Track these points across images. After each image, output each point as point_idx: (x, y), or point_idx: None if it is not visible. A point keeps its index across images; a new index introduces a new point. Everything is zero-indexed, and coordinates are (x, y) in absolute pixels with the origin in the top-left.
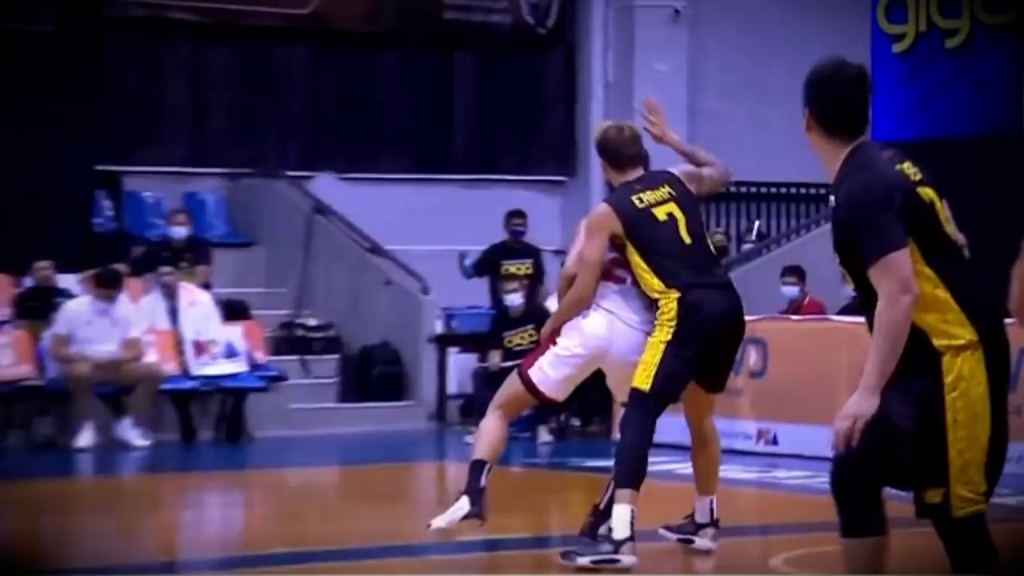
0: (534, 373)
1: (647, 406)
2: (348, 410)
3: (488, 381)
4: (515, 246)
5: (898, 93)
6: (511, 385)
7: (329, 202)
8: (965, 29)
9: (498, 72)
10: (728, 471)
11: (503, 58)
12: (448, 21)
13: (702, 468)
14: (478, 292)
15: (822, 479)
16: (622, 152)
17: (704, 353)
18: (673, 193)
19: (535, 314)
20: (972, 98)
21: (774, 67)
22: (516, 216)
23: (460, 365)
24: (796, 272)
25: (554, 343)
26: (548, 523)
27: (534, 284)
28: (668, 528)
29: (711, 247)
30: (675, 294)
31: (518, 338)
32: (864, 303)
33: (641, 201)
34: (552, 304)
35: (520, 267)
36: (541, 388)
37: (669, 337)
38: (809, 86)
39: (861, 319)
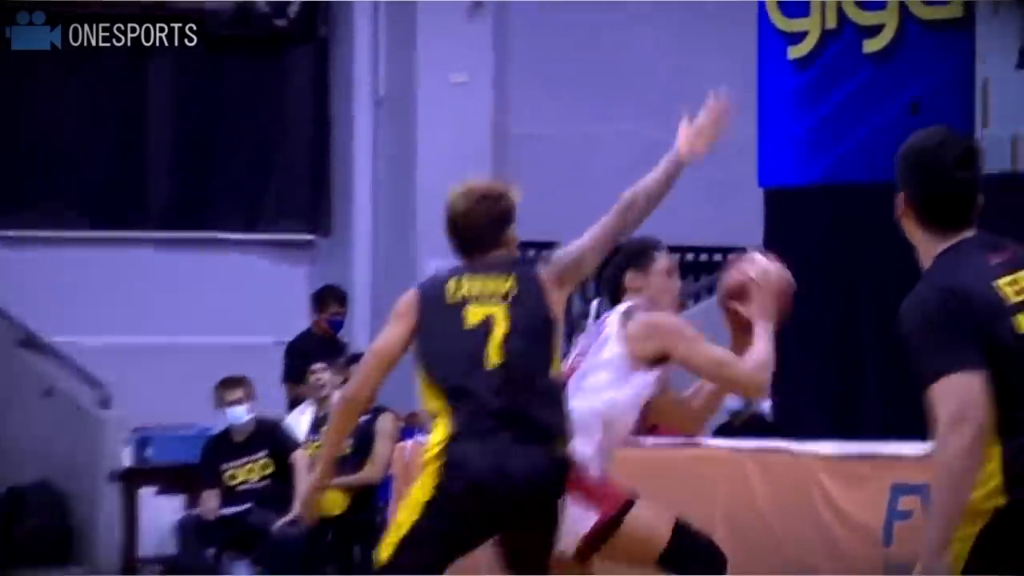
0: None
1: None
2: None
3: (202, 535)
4: (329, 342)
5: (795, 117)
6: None
7: None
8: (892, 26)
9: (213, 83)
10: None
11: (220, 63)
12: (136, 4)
13: None
14: (187, 404)
15: None
16: (462, 235)
17: (466, 537)
18: (514, 293)
19: (267, 436)
20: (901, 123)
21: (620, 75)
22: (332, 298)
23: (158, 512)
24: None
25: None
26: None
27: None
28: None
29: (542, 380)
30: (441, 435)
31: (244, 471)
32: None
33: (457, 290)
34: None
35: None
36: None
37: (429, 496)
38: (903, 161)
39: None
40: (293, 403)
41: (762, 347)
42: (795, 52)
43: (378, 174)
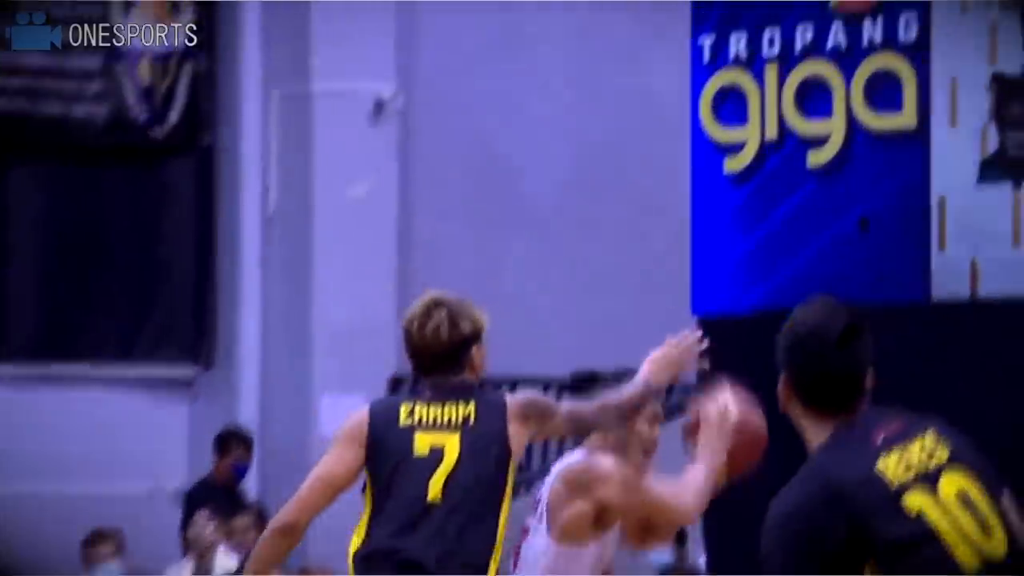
0: None
1: None
2: None
3: None
4: (230, 491)
5: (732, 237)
6: None
7: None
8: (838, 136)
9: (84, 198)
10: None
11: (93, 176)
12: None
13: None
14: (50, 559)
15: None
16: (421, 355)
17: None
18: (471, 420)
19: None
20: (850, 243)
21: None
22: (237, 441)
23: None
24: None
25: None
26: None
27: None
28: None
29: (478, 526)
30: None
31: None
32: None
33: (411, 416)
34: None
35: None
36: None
37: None
38: (782, 339)
39: None
40: None
41: (694, 479)
42: (732, 165)
43: (269, 299)
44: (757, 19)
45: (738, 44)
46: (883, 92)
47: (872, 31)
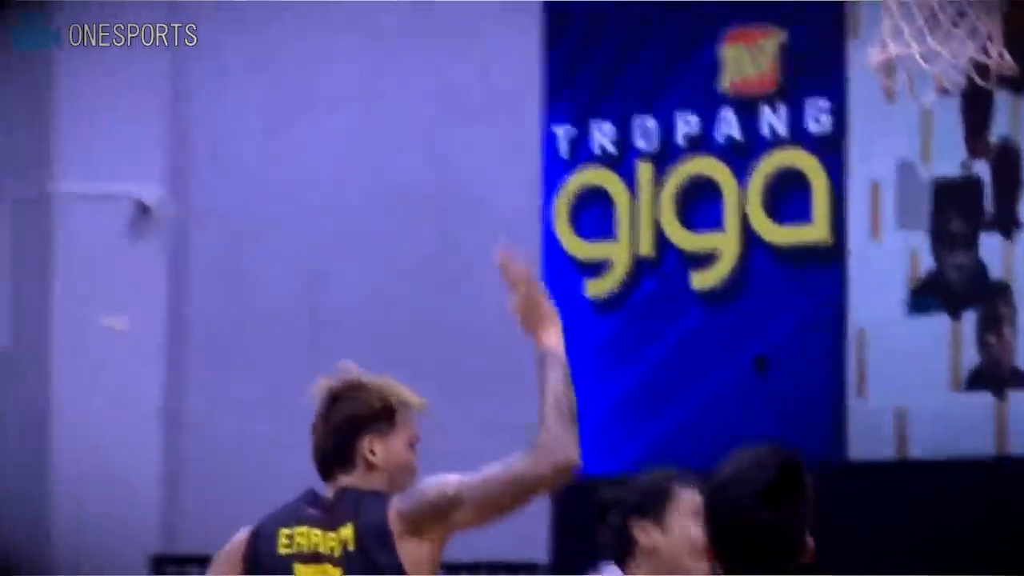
0: None
1: None
2: None
3: None
4: None
5: (595, 380)
6: None
7: None
8: (731, 253)
9: None
10: None
11: None
12: None
13: None
14: None
15: None
16: (313, 453)
17: None
18: (351, 546)
19: None
20: (743, 387)
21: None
22: None
23: None
24: None
25: None
26: None
27: None
28: None
29: None
30: None
31: None
32: None
33: (290, 543)
34: None
35: None
36: None
37: None
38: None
39: None
40: None
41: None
42: (595, 288)
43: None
44: (626, 104)
45: (602, 135)
46: (787, 197)
47: (774, 121)
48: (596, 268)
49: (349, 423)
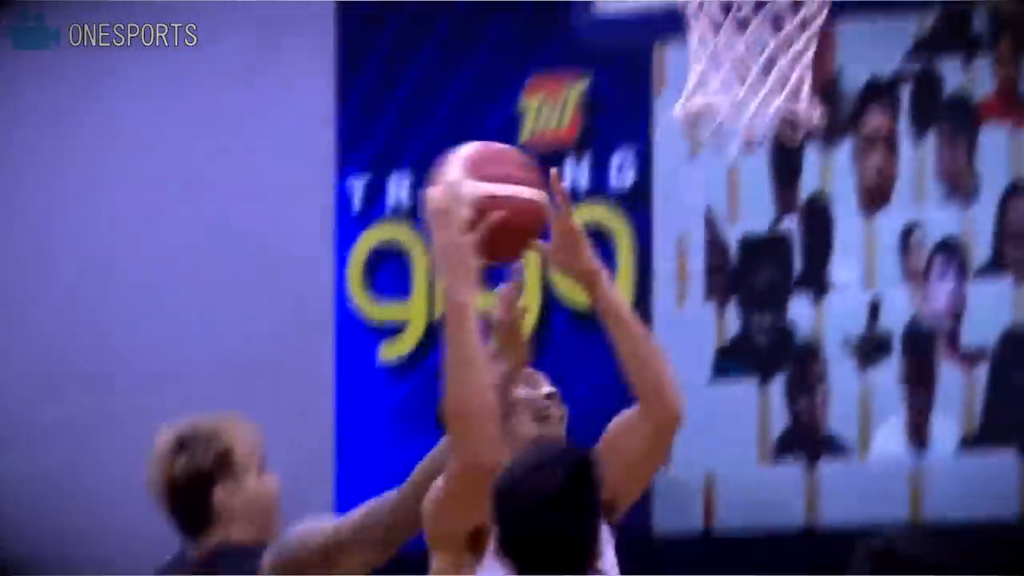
0: None
1: None
2: None
3: None
4: None
5: (388, 451)
6: None
7: None
8: (530, 314)
9: None
10: None
11: None
12: None
13: None
14: None
15: None
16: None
17: None
18: None
19: None
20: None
21: None
22: None
23: None
24: None
25: None
26: None
27: None
28: None
29: None
30: None
31: None
32: None
33: None
34: None
35: None
36: None
37: None
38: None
39: None
40: None
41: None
42: (390, 352)
43: None
44: (425, 156)
45: (399, 189)
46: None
47: (575, 175)
48: (390, 331)
49: (205, 471)
